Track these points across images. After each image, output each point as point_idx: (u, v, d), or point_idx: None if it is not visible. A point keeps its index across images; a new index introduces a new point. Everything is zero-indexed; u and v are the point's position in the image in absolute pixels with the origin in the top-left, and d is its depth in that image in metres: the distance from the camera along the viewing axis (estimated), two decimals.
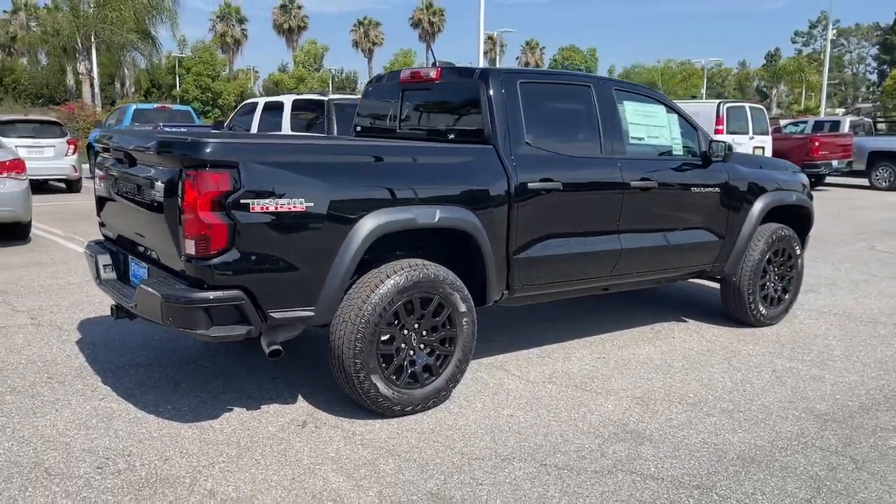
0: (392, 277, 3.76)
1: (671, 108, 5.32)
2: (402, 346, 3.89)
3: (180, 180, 3.35)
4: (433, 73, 4.71)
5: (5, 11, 72.48)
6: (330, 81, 62.98)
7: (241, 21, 79.60)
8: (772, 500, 3.16)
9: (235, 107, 19.50)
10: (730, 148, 5.31)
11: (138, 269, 4.00)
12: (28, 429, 3.68)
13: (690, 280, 6.13)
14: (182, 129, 12.93)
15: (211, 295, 3.37)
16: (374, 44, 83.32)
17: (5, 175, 8.26)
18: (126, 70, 37.15)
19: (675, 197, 5.19)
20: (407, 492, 3.15)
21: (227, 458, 3.41)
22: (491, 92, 4.34)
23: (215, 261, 3.34)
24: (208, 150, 3.31)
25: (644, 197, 4.93)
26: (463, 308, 4.04)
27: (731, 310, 5.90)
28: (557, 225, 4.53)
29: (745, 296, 5.71)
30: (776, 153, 17.42)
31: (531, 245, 4.41)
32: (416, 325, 3.93)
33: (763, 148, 15.98)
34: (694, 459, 3.53)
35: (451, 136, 4.58)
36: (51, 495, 3.04)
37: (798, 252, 6.00)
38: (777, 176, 5.94)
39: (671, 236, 5.19)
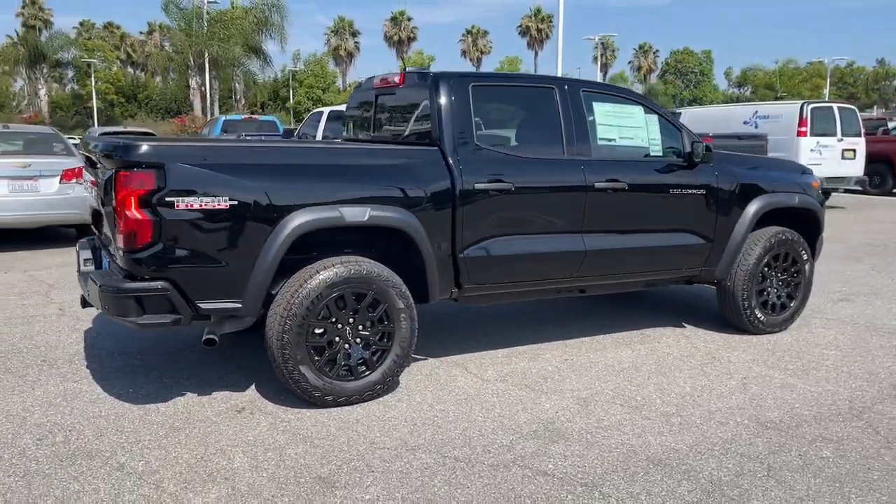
0: (322, 273, 3.95)
1: (651, 110, 5.24)
2: (337, 339, 4.06)
3: (115, 180, 3.67)
4: (397, 79, 4.87)
5: (141, 32, 78.13)
6: None
7: (354, 34, 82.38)
8: (655, 501, 3.12)
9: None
10: (708, 149, 5.15)
11: (106, 263, 4.38)
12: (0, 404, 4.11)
13: (697, 285, 5.96)
14: (259, 138, 13.68)
15: (138, 285, 3.67)
16: (482, 52, 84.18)
17: (74, 181, 9.04)
18: (237, 84, 39.28)
19: (650, 198, 5.10)
20: (298, 474, 3.32)
21: (154, 437, 3.69)
22: (439, 96, 4.46)
23: (142, 254, 3.64)
24: (136, 153, 3.62)
25: (613, 198, 4.89)
26: (400, 304, 4.16)
27: (727, 315, 5.72)
28: (510, 225, 4.57)
29: (739, 301, 5.52)
30: (873, 156, 16.41)
31: (480, 244, 4.48)
32: (351, 320, 4.08)
33: (854, 150, 15.07)
34: (599, 459, 3.51)
35: (410, 139, 4.72)
36: None
37: (805, 257, 5.73)
38: (777, 177, 5.71)
39: (647, 238, 5.10)
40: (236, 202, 3.75)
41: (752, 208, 5.45)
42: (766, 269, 5.59)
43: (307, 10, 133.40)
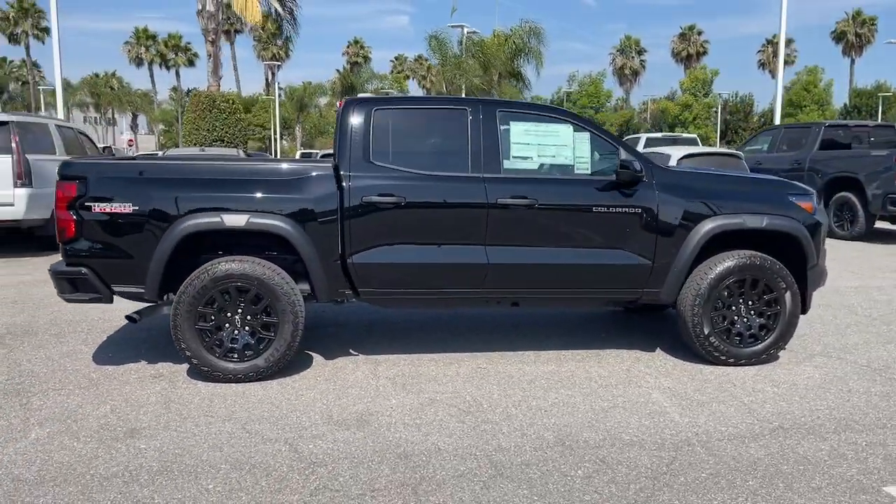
0: (209, 270, 4.75)
1: (582, 127, 5.24)
2: (227, 325, 4.84)
3: (56, 188, 4.84)
4: (339, 104, 5.51)
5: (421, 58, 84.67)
6: (718, 107, 60.83)
7: (640, 52, 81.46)
8: (323, 489, 3.44)
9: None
10: (636, 167, 5.01)
11: None
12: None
13: None
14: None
15: (68, 269, 4.80)
16: (785, 62, 77.95)
17: None
18: None
19: (569, 215, 5.11)
20: (109, 424, 4.14)
21: (75, 385, 4.78)
22: (343, 118, 5.04)
23: (70, 246, 4.77)
24: (67, 168, 4.77)
25: (523, 214, 5.02)
26: (282, 300, 4.81)
27: (686, 342, 5.42)
28: (401, 235, 4.97)
29: (689, 327, 5.24)
30: None
31: (369, 252, 4.95)
32: (239, 310, 4.83)
33: None
34: (346, 445, 3.85)
35: (329, 156, 5.34)
36: None
37: (783, 286, 5.21)
38: (749, 197, 5.29)
39: (567, 255, 5.12)
40: (137, 207, 4.72)
41: (703, 229, 5.15)
42: (726, 294, 5.21)
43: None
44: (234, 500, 3.26)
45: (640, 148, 13.24)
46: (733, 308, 5.27)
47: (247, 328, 4.86)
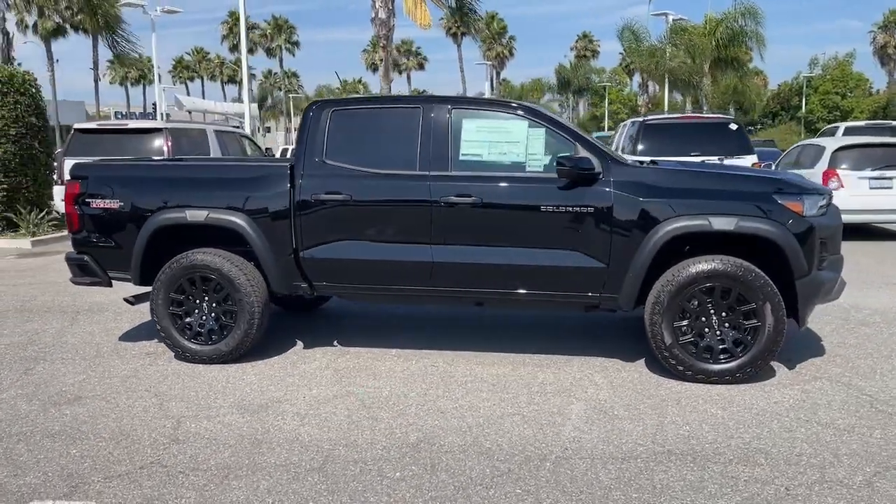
0: (179, 260, 5.26)
1: (537, 123, 5.01)
2: (195, 311, 5.33)
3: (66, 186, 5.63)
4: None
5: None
6: None
7: None
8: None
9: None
10: (606, 162, 4.74)
11: None
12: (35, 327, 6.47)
13: None
14: None
15: (74, 256, 5.56)
16: None
17: None
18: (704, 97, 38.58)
19: (516, 214, 4.93)
20: (67, 391, 4.78)
21: (81, 357, 5.54)
22: (303, 120, 5.30)
23: (75, 236, 5.53)
24: (74, 169, 5.53)
25: (468, 213, 4.96)
26: (240, 290, 5.20)
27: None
28: (348, 232, 5.12)
29: (648, 336, 4.83)
30: None
31: (318, 247, 5.17)
32: (206, 298, 5.30)
33: None
34: (249, 427, 4.12)
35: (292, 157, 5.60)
36: None
37: (761, 297, 4.62)
38: (715, 195, 4.74)
39: (514, 254, 4.95)
40: (122, 203, 5.35)
41: (662, 230, 4.72)
42: (693, 304, 4.73)
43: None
44: (85, 463, 3.68)
45: (838, 138, 11.79)
46: (702, 319, 4.76)
47: (212, 315, 5.30)
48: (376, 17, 19.32)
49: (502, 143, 5.05)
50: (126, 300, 5.67)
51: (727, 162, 11.16)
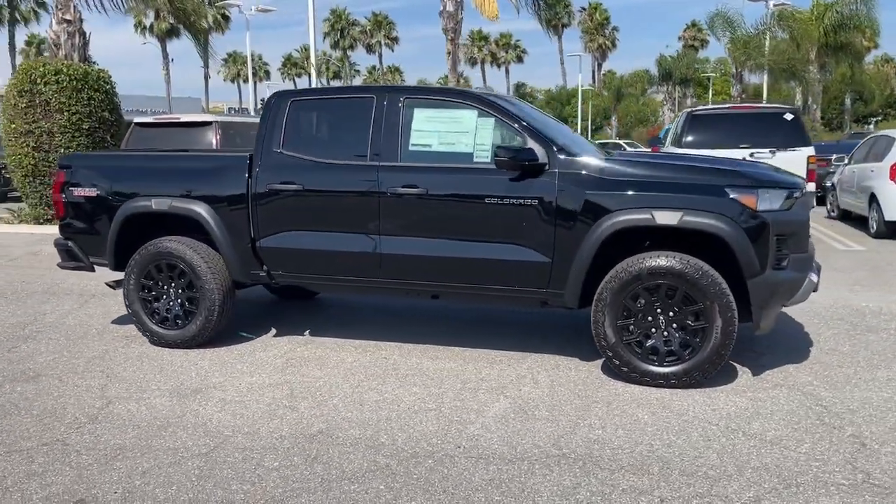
0: (147, 247, 5.45)
1: (487, 113, 4.87)
2: (164, 297, 5.51)
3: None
4: None
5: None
6: None
7: None
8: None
9: None
10: (555, 153, 4.61)
11: None
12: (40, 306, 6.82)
13: None
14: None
15: (61, 242, 5.86)
16: None
17: None
18: (803, 94, 36.27)
19: (460, 206, 4.82)
20: (31, 369, 5.05)
21: (67, 338, 5.84)
22: (264, 111, 5.37)
23: (61, 223, 5.82)
24: (60, 159, 5.82)
25: (415, 204, 4.89)
26: (201, 277, 5.33)
27: None
28: (301, 222, 5.16)
29: (593, 335, 4.63)
30: None
31: (273, 236, 5.23)
32: (172, 284, 5.47)
33: None
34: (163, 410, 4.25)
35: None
36: None
37: (709, 297, 4.33)
38: (664, 187, 4.46)
39: (460, 247, 4.84)
40: (97, 192, 5.59)
41: (604, 224, 4.49)
42: (639, 302, 4.50)
43: None
44: (10, 436, 3.89)
45: None
46: (648, 319, 4.50)
47: (178, 300, 5.46)
48: (444, 10, 19.33)
49: (451, 133, 4.95)
50: (107, 284, 5.92)
51: (780, 154, 10.51)
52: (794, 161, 10.38)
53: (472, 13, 20.93)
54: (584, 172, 4.61)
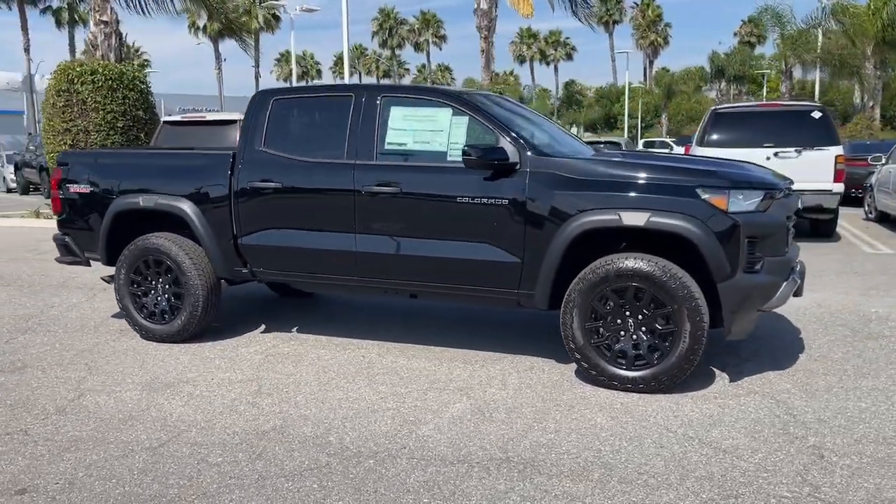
0: (137, 243, 5.57)
1: (461, 111, 4.83)
2: (152, 292, 5.62)
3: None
4: None
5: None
6: None
7: None
8: None
9: None
10: (527, 152, 4.56)
11: None
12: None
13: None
14: None
15: (58, 237, 6.02)
16: None
17: None
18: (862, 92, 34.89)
19: (433, 205, 4.79)
20: (21, 360, 5.20)
21: (64, 330, 6.00)
22: (248, 110, 5.42)
23: (59, 218, 5.99)
24: (59, 157, 5.98)
25: (390, 203, 4.89)
26: (185, 273, 5.42)
27: None
28: (280, 219, 5.20)
29: (562, 337, 4.56)
30: None
31: (255, 234, 5.28)
32: (160, 280, 5.58)
33: None
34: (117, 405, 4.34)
35: None
36: None
37: (677, 301, 4.22)
38: (633, 187, 4.35)
39: (433, 246, 4.82)
40: (90, 188, 5.73)
41: (573, 224, 4.42)
42: (608, 305, 4.41)
43: None
44: None
45: None
46: (618, 321, 4.41)
47: (165, 296, 5.56)
48: (478, 8, 19.24)
49: (426, 131, 4.92)
50: (103, 279, 6.07)
51: (806, 153, 10.18)
52: (820, 161, 10.08)
53: (508, 11, 20.78)
54: (555, 172, 4.53)
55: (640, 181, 4.38)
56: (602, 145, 18.17)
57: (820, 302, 6.70)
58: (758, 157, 10.14)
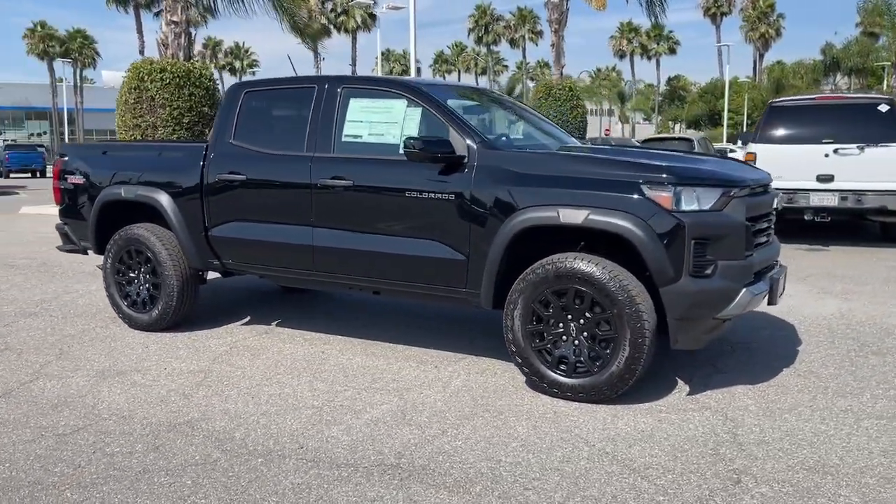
0: (120, 232, 5.71)
1: (416, 102, 4.66)
2: (134, 282, 5.76)
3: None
4: None
5: None
6: None
7: None
8: None
9: None
10: (476, 146, 4.35)
11: None
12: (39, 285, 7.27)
13: None
14: None
15: (59, 226, 6.26)
16: None
17: None
18: None
19: (383, 199, 4.65)
20: (9, 344, 5.43)
21: (63, 316, 6.24)
22: (222, 102, 5.45)
23: (60, 208, 6.22)
24: (59, 149, 6.21)
25: (343, 196, 4.79)
26: (163, 264, 5.51)
27: None
28: (245, 212, 5.19)
29: (505, 341, 4.34)
30: None
31: (222, 226, 5.30)
32: (141, 270, 5.70)
33: None
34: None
35: None
36: None
37: (614, 305, 3.92)
38: (576, 183, 4.06)
39: (384, 242, 4.69)
40: (83, 179, 5.92)
41: (513, 222, 4.18)
42: (544, 307, 4.15)
43: None
44: None
45: None
46: (560, 325, 4.14)
47: (145, 285, 5.68)
48: (549, 1, 18.83)
49: (381, 123, 4.79)
50: (98, 268, 6.25)
51: (870, 150, 9.36)
52: (886, 158, 9.27)
53: (580, 5, 20.22)
54: (501, 166, 4.30)
55: (585, 176, 4.10)
56: (675, 141, 17.43)
57: (844, 311, 6.13)
58: (815, 154, 9.45)
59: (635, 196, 3.90)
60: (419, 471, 3.30)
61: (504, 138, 4.91)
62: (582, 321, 4.06)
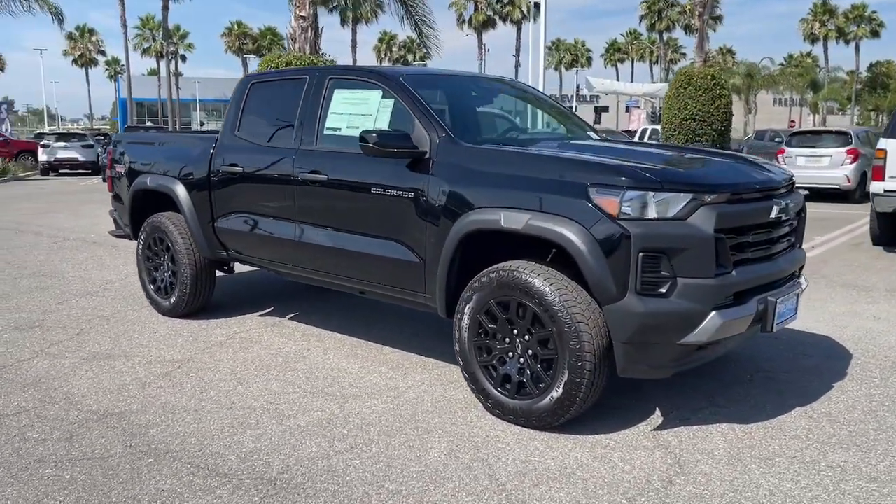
0: (149, 220, 5.93)
1: (390, 94, 4.39)
2: (161, 268, 5.95)
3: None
4: None
5: None
6: None
7: None
8: None
9: None
10: (439, 141, 4.04)
11: None
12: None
13: None
14: None
15: (109, 211, 6.61)
16: None
17: None
18: None
19: (352, 196, 4.43)
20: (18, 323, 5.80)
21: (81, 294, 6.61)
22: (233, 94, 5.46)
23: (111, 193, 6.57)
24: (112, 139, 6.55)
25: (319, 191, 4.64)
26: (179, 252, 5.65)
27: None
28: (242, 204, 5.17)
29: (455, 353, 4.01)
30: None
31: (224, 218, 5.32)
32: (166, 256, 5.88)
33: None
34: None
35: None
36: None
37: (553, 322, 3.47)
38: (525, 184, 3.62)
39: (342, 238, 4.51)
40: (127, 168, 6.19)
41: (460, 224, 3.82)
42: (489, 319, 3.77)
43: None
44: None
45: None
46: (506, 341, 3.73)
47: (168, 272, 5.85)
48: None
49: (358, 115, 4.56)
50: (110, 233, 6.62)
51: None
52: None
53: None
54: (461, 163, 3.95)
55: (535, 176, 3.64)
56: (831, 135, 15.69)
57: None
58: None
59: (580, 200, 3.41)
60: (291, 489, 3.08)
61: (479, 132, 4.53)
62: (527, 337, 3.64)
